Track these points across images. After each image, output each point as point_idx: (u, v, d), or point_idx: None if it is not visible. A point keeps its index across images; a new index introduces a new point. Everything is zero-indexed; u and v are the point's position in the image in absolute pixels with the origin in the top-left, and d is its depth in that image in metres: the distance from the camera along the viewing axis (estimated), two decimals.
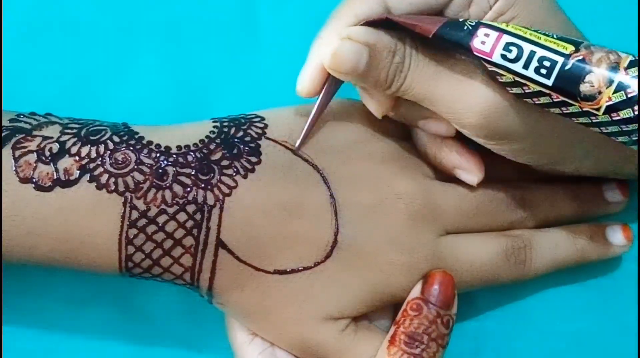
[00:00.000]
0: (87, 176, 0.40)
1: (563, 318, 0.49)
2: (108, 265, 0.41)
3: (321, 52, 0.41)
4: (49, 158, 0.40)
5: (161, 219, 0.40)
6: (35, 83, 0.48)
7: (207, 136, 0.42)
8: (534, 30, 0.37)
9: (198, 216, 0.40)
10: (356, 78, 0.40)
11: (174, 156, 0.41)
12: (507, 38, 0.37)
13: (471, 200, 0.44)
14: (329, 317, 0.42)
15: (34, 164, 0.40)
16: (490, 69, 0.38)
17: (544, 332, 0.49)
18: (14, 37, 0.48)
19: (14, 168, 0.40)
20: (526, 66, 0.37)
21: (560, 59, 0.36)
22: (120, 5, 0.49)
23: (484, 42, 0.37)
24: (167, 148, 0.41)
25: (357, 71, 0.40)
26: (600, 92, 0.35)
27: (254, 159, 0.41)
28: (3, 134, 0.40)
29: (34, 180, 0.40)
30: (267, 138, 0.42)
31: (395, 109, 0.43)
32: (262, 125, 0.42)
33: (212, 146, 0.41)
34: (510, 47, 0.37)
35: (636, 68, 0.35)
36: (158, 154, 0.41)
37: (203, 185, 0.40)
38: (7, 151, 0.40)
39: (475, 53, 0.37)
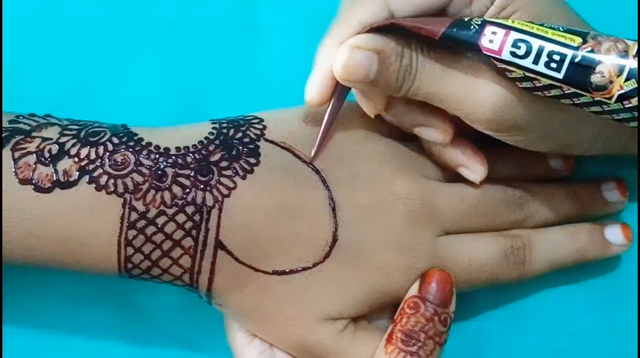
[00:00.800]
0: (87, 178, 0.40)
1: (563, 318, 0.49)
2: (107, 266, 0.41)
3: (328, 60, 0.40)
4: (49, 159, 0.40)
5: (160, 220, 0.40)
6: (34, 85, 0.48)
7: (206, 138, 0.42)
8: (540, 25, 0.37)
9: (197, 217, 0.40)
10: (367, 85, 0.40)
11: (173, 157, 0.41)
12: (514, 35, 0.37)
13: (470, 200, 0.44)
14: (328, 317, 0.42)
15: (34, 166, 0.40)
16: (499, 66, 0.38)
17: (544, 332, 0.49)
18: (13, 38, 0.48)
19: (13, 169, 0.40)
20: (536, 61, 0.37)
21: (569, 52, 0.36)
22: (120, 6, 0.49)
23: (492, 40, 0.37)
24: (166, 149, 0.41)
25: (368, 78, 0.40)
26: (611, 82, 0.36)
27: (252, 160, 0.41)
28: (2, 135, 0.40)
29: (33, 181, 0.40)
30: (266, 140, 0.42)
31: (389, 111, 0.43)
32: (260, 126, 0.42)
33: (211, 148, 0.41)
34: (519, 44, 0.37)
35: None
36: (157, 156, 0.41)
37: (202, 186, 0.40)
38: (6, 153, 0.40)
39: (484, 52, 0.37)
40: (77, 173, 0.40)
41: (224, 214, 0.40)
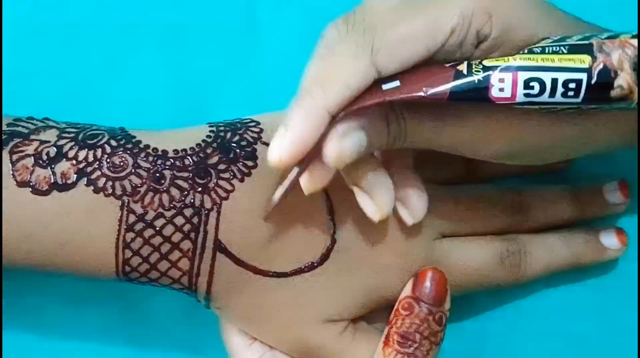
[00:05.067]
0: (85, 180, 0.40)
1: (563, 319, 0.49)
2: (105, 269, 0.40)
3: (307, 125, 0.36)
4: (46, 162, 0.40)
5: (158, 223, 0.40)
6: (32, 88, 0.48)
7: (203, 141, 0.41)
8: (541, 52, 0.35)
9: (195, 220, 0.40)
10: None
11: (171, 159, 0.41)
12: (523, 75, 0.35)
13: (466, 204, 0.44)
14: (327, 319, 0.42)
15: (31, 168, 0.40)
16: (515, 107, 0.36)
17: (544, 332, 0.49)
18: (11, 41, 0.48)
19: (11, 172, 0.40)
20: (552, 94, 0.35)
21: (584, 76, 0.34)
22: (118, 8, 0.48)
23: (502, 89, 0.35)
24: (164, 152, 0.41)
25: (359, 156, 0.37)
26: (631, 92, 0.34)
27: (250, 163, 0.41)
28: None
29: (31, 184, 0.39)
30: (263, 143, 0.42)
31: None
32: (257, 129, 0.42)
33: (208, 150, 0.41)
34: (531, 83, 0.35)
35: None
36: (155, 158, 0.40)
37: (200, 189, 0.40)
38: (4, 155, 0.40)
39: (498, 103, 0.35)
40: (75, 175, 0.40)
41: (223, 216, 0.40)
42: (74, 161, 0.40)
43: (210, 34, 0.49)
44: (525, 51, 0.36)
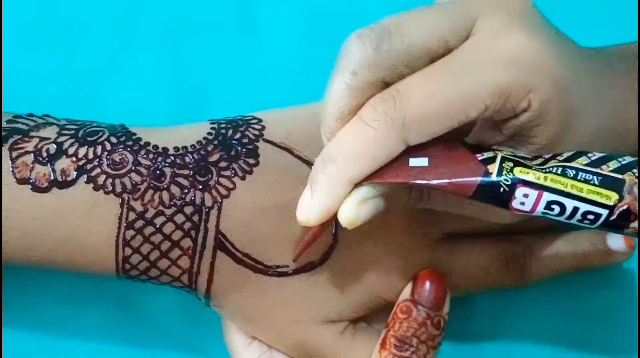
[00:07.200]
0: (85, 177, 0.40)
1: (563, 319, 0.49)
2: (105, 267, 0.40)
3: (332, 196, 0.36)
4: (46, 159, 0.40)
5: (159, 220, 0.40)
6: (32, 85, 0.48)
7: (204, 138, 0.41)
8: (574, 177, 0.35)
9: (196, 218, 0.40)
10: None
11: (172, 157, 0.40)
12: (547, 196, 0.35)
13: (469, 204, 0.44)
14: (327, 319, 0.42)
15: (31, 165, 0.40)
16: None
17: (545, 333, 0.49)
18: (11, 38, 0.48)
19: (10, 169, 0.39)
20: (569, 218, 0.35)
21: (604, 212, 0.35)
22: (118, 6, 0.49)
23: (523, 203, 0.35)
24: (165, 149, 0.41)
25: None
26: None
27: (251, 161, 0.41)
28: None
29: (30, 181, 0.39)
30: (265, 140, 0.42)
31: None
32: (259, 127, 0.42)
33: (209, 148, 0.41)
34: (552, 206, 0.35)
35: None
36: (155, 156, 0.40)
37: (201, 186, 0.40)
38: (4, 152, 0.40)
39: (515, 213, 0.36)
40: (75, 172, 0.40)
41: (223, 215, 0.40)
42: (74, 158, 0.40)
43: (211, 31, 0.49)
44: (559, 171, 0.35)
